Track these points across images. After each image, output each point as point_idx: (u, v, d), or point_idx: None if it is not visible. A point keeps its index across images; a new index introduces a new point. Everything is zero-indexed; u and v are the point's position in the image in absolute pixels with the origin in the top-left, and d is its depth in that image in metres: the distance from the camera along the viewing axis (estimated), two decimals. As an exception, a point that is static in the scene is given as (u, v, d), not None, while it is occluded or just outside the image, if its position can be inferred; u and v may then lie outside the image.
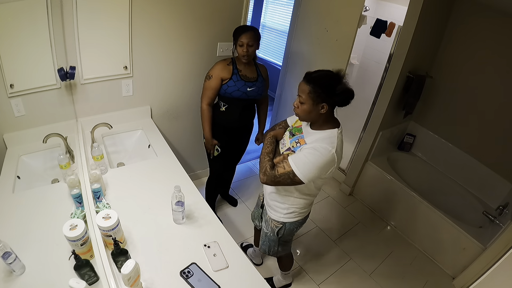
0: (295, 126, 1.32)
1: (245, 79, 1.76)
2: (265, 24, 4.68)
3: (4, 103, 1.34)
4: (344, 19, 2.16)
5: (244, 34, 1.64)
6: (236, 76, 1.74)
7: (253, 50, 1.68)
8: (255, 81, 1.78)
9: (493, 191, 2.41)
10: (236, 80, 1.74)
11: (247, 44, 1.64)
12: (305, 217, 1.46)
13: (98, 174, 1.29)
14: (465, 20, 2.32)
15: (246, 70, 1.77)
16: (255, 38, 1.67)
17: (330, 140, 1.15)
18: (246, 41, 1.63)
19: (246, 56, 1.67)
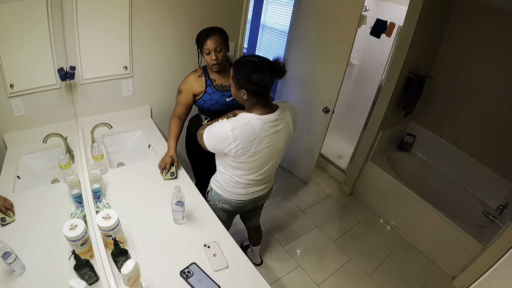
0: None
1: (222, 88, 1.58)
2: (265, 24, 4.67)
3: (4, 103, 1.34)
4: (344, 19, 2.16)
5: (209, 39, 1.42)
6: (210, 88, 1.56)
7: (223, 55, 1.48)
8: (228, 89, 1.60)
9: (493, 191, 2.41)
10: (211, 93, 1.56)
11: (214, 50, 1.43)
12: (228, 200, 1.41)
13: (98, 174, 1.29)
14: (465, 20, 2.32)
15: (221, 78, 1.58)
16: (223, 41, 1.46)
17: (236, 119, 1.19)
18: (213, 46, 1.42)
19: (216, 65, 1.48)
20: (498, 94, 2.29)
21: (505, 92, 2.25)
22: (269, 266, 2.06)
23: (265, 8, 4.58)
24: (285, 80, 2.84)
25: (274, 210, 2.55)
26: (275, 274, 2.01)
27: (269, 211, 2.53)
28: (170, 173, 1.51)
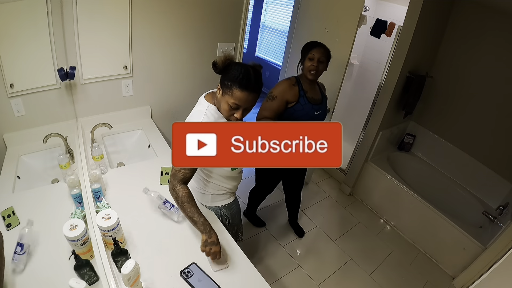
0: None
1: (312, 101, 1.62)
2: (265, 24, 4.67)
3: (4, 103, 1.34)
4: (344, 19, 2.16)
5: (317, 48, 1.53)
6: (303, 98, 1.59)
7: (323, 67, 1.57)
8: (320, 103, 1.66)
9: (493, 191, 2.41)
10: (303, 104, 1.59)
11: (318, 59, 1.52)
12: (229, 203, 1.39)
13: (98, 174, 1.29)
14: (465, 20, 2.32)
15: (312, 91, 1.63)
16: (327, 55, 1.55)
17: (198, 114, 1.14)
18: (318, 55, 1.51)
19: (314, 71, 1.54)
20: (498, 94, 2.29)
21: (505, 92, 2.25)
22: (269, 266, 2.06)
23: (265, 8, 4.58)
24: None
25: (274, 210, 2.55)
26: (275, 274, 2.01)
27: (269, 211, 2.53)
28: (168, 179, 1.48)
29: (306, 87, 1.62)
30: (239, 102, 1.04)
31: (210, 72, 2.29)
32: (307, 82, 1.62)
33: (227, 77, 1.05)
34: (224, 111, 1.09)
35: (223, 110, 1.09)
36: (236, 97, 1.03)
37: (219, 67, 1.07)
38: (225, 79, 1.05)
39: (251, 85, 1.02)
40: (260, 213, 2.49)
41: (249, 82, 1.02)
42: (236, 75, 1.02)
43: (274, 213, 2.53)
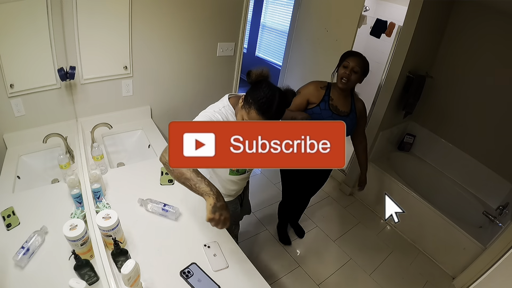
0: None
1: (334, 110, 1.54)
2: (265, 24, 4.67)
3: (4, 103, 1.34)
4: (344, 19, 2.16)
5: (354, 57, 1.48)
6: (324, 103, 1.54)
7: (356, 78, 1.49)
8: (345, 115, 1.56)
9: (493, 191, 2.41)
10: (323, 108, 1.54)
11: (352, 69, 1.46)
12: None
13: (98, 174, 1.29)
14: (465, 20, 2.32)
15: (339, 101, 1.55)
16: (363, 67, 1.48)
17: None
18: (353, 64, 1.46)
19: (345, 79, 1.47)
20: (498, 94, 2.29)
21: (505, 91, 2.25)
22: (269, 266, 2.06)
23: (265, 8, 4.58)
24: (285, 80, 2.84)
25: (274, 210, 2.55)
26: (275, 274, 2.01)
27: (269, 211, 2.53)
28: (168, 180, 1.49)
29: (334, 95, 1.56)
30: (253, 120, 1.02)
31: (210, 72, 2.31)
32: (337, 91, 1.56)
33: (253, 93, 1.01)
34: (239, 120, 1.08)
35: (238, 119, 1.09)
36: (252, 117, 1.01)
37: (252, 80, 1.05)
38: (250, 94, 1.03)
39: (269, 113, 0.99)
40: (260, 213, 2.49)
41: (269, 109, 0.99)
42: (260, 97, 0.99)
43: (274, 213, 2.53)
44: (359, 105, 1.62)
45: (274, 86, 1.03)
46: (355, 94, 1.60)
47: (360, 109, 1.62)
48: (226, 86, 2.29)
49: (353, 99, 1.60)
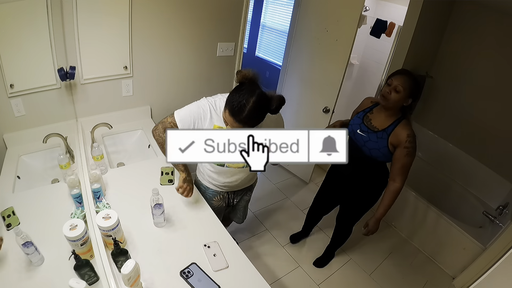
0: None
1: (366, 121, 1.50)
2: (265, 24, 4.67)
3: (4, 103, 1.34)
4: (344, 19, 2.16)
5: (398, 75, 1.38)
6: (363, 113, 1.55)
7: (398, 98, 1.36)
8: (373, 131, 1.46)
9: (493, 191, 2.41)
10: (358, 116, 1.55)
11: (394, 87, 1.36)
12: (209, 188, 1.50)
13: (98, 174, 1.29)
14: (465, 20, 2.32)
15: (377, 117, 1.48)
16: (408, 87, 1.35)
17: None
18: (396, 83, 1.36)
19: (385, 98, 1.39)
20: (498, 93, 2.29)
21: (505, 91, 2.25)
22: (269, 266, 2.06)
23: (265, 8, 4.58)
24: (285, 80, 2.84)
25: (274, 210, 2.55)
26: (275, 274, 2.01)
27: (269, 211, 2.53)
28: (168, 179, 1.51)
29: (376, 110, 1.51)
30: (226, 121, 1.11)
31: (210, 72, 2.30)
32: (380, 107, 1.49)
33: (231, 95, 1.07)
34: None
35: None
36: (226, 117, 1.08)
37: (237, 80, 1.10)
38: (229, 95, 1.08)
39: (240, 117, 1.04)
40: (260, 213, 2.49)
41: (239, 113, 1.03)
42: (234, 100, 1.04)
43: (274, 213, 2.53)
44: (400, 132, 1.39)
45: (254, 91, 1.03)
46: (405, 121, 1.43)
47: (398, 136, 1.40)
48: (226, 86, 2.29)
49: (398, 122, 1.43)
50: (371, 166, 1.57)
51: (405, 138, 1.38)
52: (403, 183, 1.46)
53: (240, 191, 1.59)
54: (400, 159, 1.41)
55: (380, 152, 1.46)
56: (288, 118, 2.89)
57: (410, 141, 1.38)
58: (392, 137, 1.42)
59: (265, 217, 2.46)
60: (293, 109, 2.81)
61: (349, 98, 3.30)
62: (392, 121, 1.43)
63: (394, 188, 1.48)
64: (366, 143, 1.49)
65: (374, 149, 1.47)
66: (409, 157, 1.39)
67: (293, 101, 2.78)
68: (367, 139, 1.48)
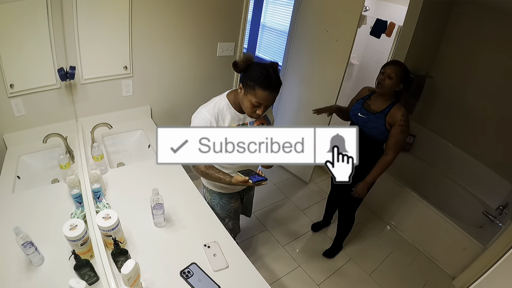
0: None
1: (366, 106, 1.69)
2: (265, 24, 4.67)
3: (4, 103, 1.34)
4: (344, 19, 2.16)
5: (390, 64, 1.59)
6: (363, 99, 1.73)
7: (391, 84, 1.56)
8: (372, 113, 1.65)
9: (493, 191, 2.41)
10: (358, 103, 1.74)
11: (387, 75, 1.56)
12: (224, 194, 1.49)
13: (98, 174, 1.29)
14: (465, 20, 2.32)
15: (375, 102, 1.68)
16: (399, 74, 1.55)
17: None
18: (389, 71, 1.56)
19: (380, 84, 1.60)
20: (498, 93, 2.29)
21: (505, 91, 2.25)
22: (269, 266, 2.06)
23: (265, 8, 4.58)
24: (285, 80, 2.84)
25: (274, 210, 2.55)
26: (275, 274, 2.01)
27: (269, 211, 2.53)
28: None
29: (373, 97, 1.70)
30: (262, 101, 1.13)
31: (210, 72, 2.31)
32: (376, 95, 1.69)
33: (249, 77, 1.13)
34: (247, 108, 1.18)
35: (245, 108, 1.18)
36: (259, 96, 1.12)
37: (241, 67, 1.16)
38: (247, 79, 1.13)
39: (272, 85, 1.11)
40: (260, 213, 2.49)
41: (270, 83, 1.11)
42: (258, 76, 1.10)
43: (274, 213, 2.53)
44: (395, 112, 1.58)
45: (262, 63, 1.14)
46: (398, 104, 1.62)
47: (394, 115, 1.57)
48: (226, 86, 2.29)
49: (392, 105, 1.61)
50: (371, 147, 1.71)
51: (400, 117, 1.57)
52: (394, 157, 1.66)
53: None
54: (395, 136, 1.60)
55: (379, 130, 1.63)
56: (288, 118, 2.90)
57: (404, 120, 1.57)
58: (388, 117, 1.60)
59: (265, 217, 2.46)
60: (293, 109, 2.81)
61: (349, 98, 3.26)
62: (388, 104, 1.63)
63: (386, 160, 1.67)
64: (367, 124, 1.66)
65: (374, 128, 1.64)
66: (403, 134, 1.58)
67: (293, 101, 2.78)
68: (367, 120, 1.66)
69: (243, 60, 1.15)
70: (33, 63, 1.39)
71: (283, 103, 2.97)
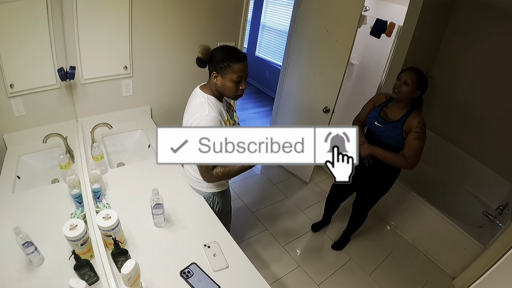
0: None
1: (383, 115, 1.69)
2: (265, 24, 4.68)
3: (4, 103, 1.34)
4: (344, 19, 2.16)
5: (407, 71, 1.57)
6: (380, 107, 1.73)
7: (408, 90, 1.55)
8: (389, 122, 1.64)
9: (493, 191, 2.41)
10: (375, 110, 1.73)
11: (404, 81, 1.55)
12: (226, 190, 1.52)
13: (98, 174, 1.29)
14: (465, 20, 2.32)
15: (392, 110, 1.66)
16: (416, 80, 1.53)
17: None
18: (405, 77, 1.55)
19: (396, 90, 1.58)
20: (498, 93, 2.29)
21: (505, 91, 2.25)
22: (269, 266, 2.06)
23: (265, 8, 4.59)
24: (285, 80, 2.84)
25: (274, 210, 2.55)
26: (275, 274, 2.01)
27: (269, 211, 2.53)
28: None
29: (390, 105, 1.69)
30: (241, 73, 1.18)
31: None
32: (393, 102, 1.68)
33: (219, 60, 1.17)
34: (231, 89, 1.21)
35: (229, 89, 1.21)
36: (238, 70, 1.16)
37: (206, 58, 1.20)
38: (218, 63, 1.17)
39: (242, 55, 1.18)
40: (260, 213, 2.49)
41: (239, 54, 1.18)
42: (226, 54, 1.16)
43: (274, 213, 2.53)
44: (412, 120, 1.57)
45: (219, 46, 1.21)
46: (415, 112, 1.61)
47: (410, 123, 1.57)
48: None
49: (409, 113, 1.60)
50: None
51: (416, 124, 1.56)
52: (411, 164, 1.61)
53: None
54: (409, 143, 1.58)
55: (396, 140, 1.63)
56: (288, 118, 2.90)
57: (420, 127, 1.56)
58: (405, 126, 1.60)
59: (265, 217, 2.46)
60: (293, 109, 2.81)
61: (349, 98, 3.30)
62: (405, 113, 1.62)
63: (402, 160, 1.63)
64: (383, 133, 1.66)
65: (391, 137, 1.64)
66: (418, 141, 1.56)
67: (293, 101, 2.78)
68: (384, 129, 1.66)
69: (204, 52, 1.18)
70: (33, 63, 1.39)
71: (283, 103, 2.97)
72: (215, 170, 1.27)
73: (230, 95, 1.25)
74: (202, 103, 1.22)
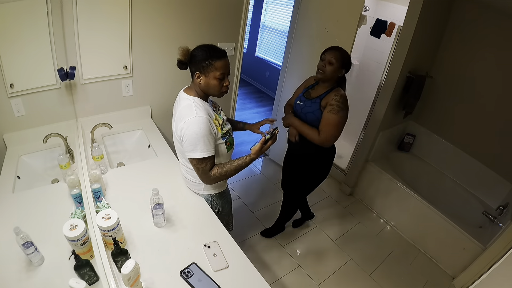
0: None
1: (306, 95, 1.69)
2: (265, 24, 4.68)
3: (4, 103, 1.34)
4: (344, 19, 2.16)
5: (330, 50, 1.56)
6: (306, 89, 1.73)
7: (332, 70, 1.54)
8: (309, 99, 1.66)
9: (493, 191, 2.41)
10: (303, 92, 1.73)
11: (328, 61, 1.54)
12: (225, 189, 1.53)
13: (98, 174, 1.29)
14: (465, 20, 2.32)
15: (316, 90, 1.67)
16: (340, 59, 1.53)
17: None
18: (329, 57, 1.54)
19: (321, 71, 1.57)
20: (498, 93, 2.29)
21: (505, 91, 2.25)
22: (269, 266, 2.06)
23: (265, 8, 4.59)
24: (285, 80, 2.84)
25: (274, 210, 2.55)
26: (275, 274, 2.01)
27: (269, 211, 2.53)
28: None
29: (317, 86, 1.69)
30: (224, 70, 1.19)
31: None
32: (320, 83, 1.66)
33: (200, 60, 1.17)
34: (215, 87, 1.21)
35: (213, 87, 1.21)
36: (220, 67, 1.17)
37: (186, 60, 1.20)
38: (200, 63, 1.17)
39: (222, 52, 1.19)
40: (260, 213, 2.49)
41: (219, 51, 1.18)
42: (206, 53, 1.16)
43: (274, 213, 2.53)
44: (330, 95, 1.56)
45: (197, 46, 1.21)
46: (338, 88, 1.59)
47: (328, 98, 1.55)
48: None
49: (330, 90, 1.59)
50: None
51: (332, 97, 1.54)
52: (324, 138, 1.58)
53: None
54: (323, 116, 1.56)
55: (314, 115, 1.60)
56: (288, 118, 2.90)
57: (336, 99, 1.53)
58: (323, 101, 1.58)
59: (265, 217, 2.46)
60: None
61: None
62: (327, 90, 1.61)
63: (315, 134, 1.60)
64: (303, 109, 1.66)
65: (309, 113, 1.62)
66: (332, 114, 1.52)
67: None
68: (303, 106, 1.66)
69: (184, 53, 1.18)
70: (33, 63, 1.39)
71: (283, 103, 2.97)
72: (213, 171, 1.25)
73: (215, 93, 1.25)
74: (189, 105, 1.21)
